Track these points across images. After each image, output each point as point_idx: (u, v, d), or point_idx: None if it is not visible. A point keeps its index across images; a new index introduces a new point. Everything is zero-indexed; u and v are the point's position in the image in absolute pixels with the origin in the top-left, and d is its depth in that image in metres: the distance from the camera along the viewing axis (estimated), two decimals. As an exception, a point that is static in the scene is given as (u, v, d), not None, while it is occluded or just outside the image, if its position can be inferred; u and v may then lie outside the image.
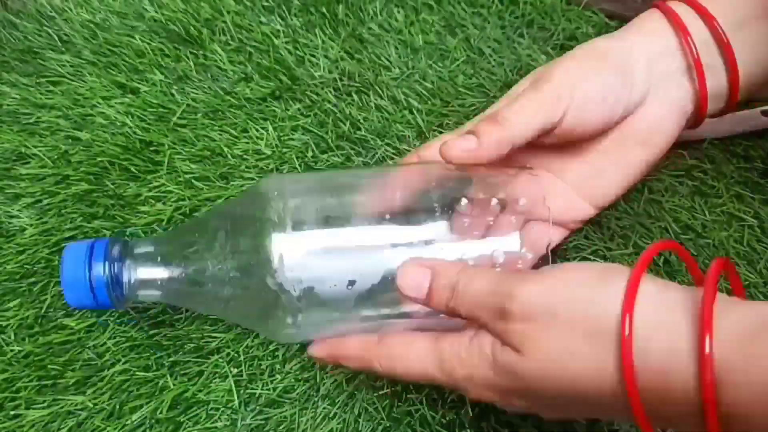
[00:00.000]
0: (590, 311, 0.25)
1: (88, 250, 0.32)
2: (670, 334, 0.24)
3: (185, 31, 0.62)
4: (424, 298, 0.29)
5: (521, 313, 0.26)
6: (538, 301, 0.26)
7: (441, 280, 0.29)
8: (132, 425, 0.40)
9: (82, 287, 0.32)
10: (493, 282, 0.28)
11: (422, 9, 0.63)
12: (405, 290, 0.30)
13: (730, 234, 0.46)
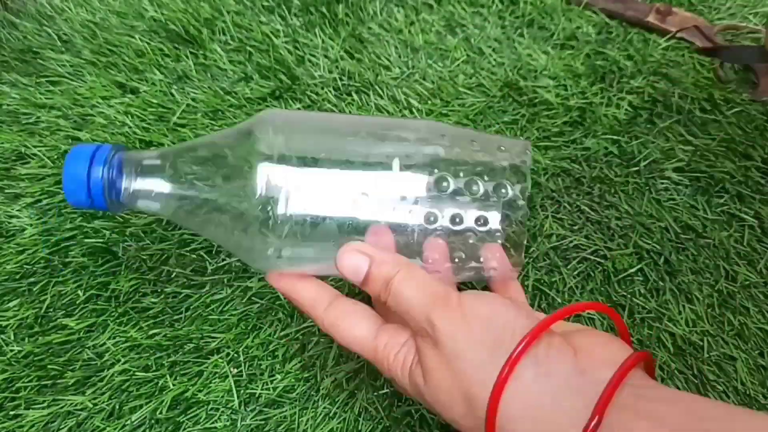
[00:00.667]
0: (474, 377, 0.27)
1: (92, 152, 0.33)
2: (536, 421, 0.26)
3: (185, 31, 0.62)
4: (361, 282, 0.31)
5: (434, 342, 0.28)
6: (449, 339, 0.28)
7: (379, 270, 0.31)
8: (132, 425, 0.40)
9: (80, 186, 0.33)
10: (424, 295, 0.30)
11: (422, 9, 0.63)
12: (343, 270, 0.31)
13: (731, 234, 0.46)
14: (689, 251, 0.45)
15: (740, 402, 0.39)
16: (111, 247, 0.48)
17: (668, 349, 0.41)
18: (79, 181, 0.33)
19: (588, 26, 0.60)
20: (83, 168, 0.33)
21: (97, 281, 0.46)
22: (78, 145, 0.34)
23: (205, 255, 0.47)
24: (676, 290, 0.44)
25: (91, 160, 0.33)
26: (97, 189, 0.33)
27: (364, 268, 0.31)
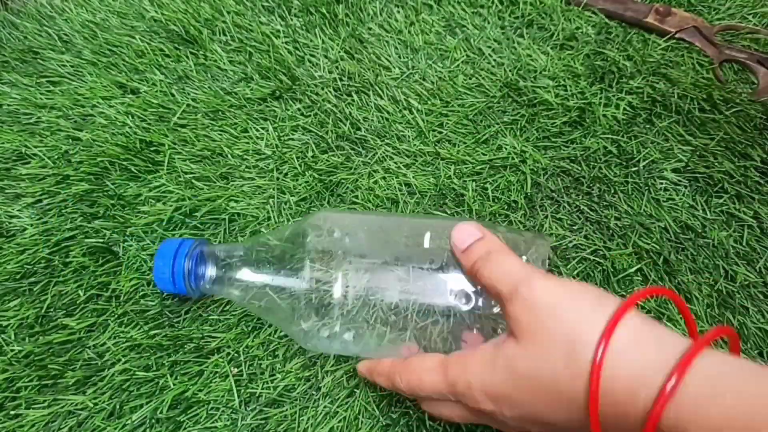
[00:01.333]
0: (580, 321, 0.27)
1: (177, 246, 0.40)
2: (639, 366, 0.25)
3: (185, 31, 0.62)
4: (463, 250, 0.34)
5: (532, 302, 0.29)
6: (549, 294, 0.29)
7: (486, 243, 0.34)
8: (132, 425, 0.40)
9: (166, 277, 0.40)
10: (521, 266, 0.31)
11: (422, 9, 0.63)
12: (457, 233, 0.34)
13: (730, 234, 0.46)
14: (688, 251, 0.45)
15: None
16: (111, 247, 0.48)
17: (668, 349, 0.41)
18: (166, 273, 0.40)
19: (587, 27, 0.60)
20: (168, 261, 0.39)
21: (97, 281, 0.46)
22: (167, 240, 0.41)
23: (206, 255, 0.47)
24: (675, 290, 0.44)
25: (175, 254, 0.40)
26: (179, 278, 0.39)
27: (473, 238, 0.33)
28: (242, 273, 0.39)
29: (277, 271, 0.38)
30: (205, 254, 0.40)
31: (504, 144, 0.52)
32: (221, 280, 0.40)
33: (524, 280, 0.30)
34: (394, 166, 0.51)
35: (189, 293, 0.40)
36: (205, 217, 0.49)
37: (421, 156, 0.52)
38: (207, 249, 0.41)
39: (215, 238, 0.48)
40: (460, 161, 0.51)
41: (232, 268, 0.39)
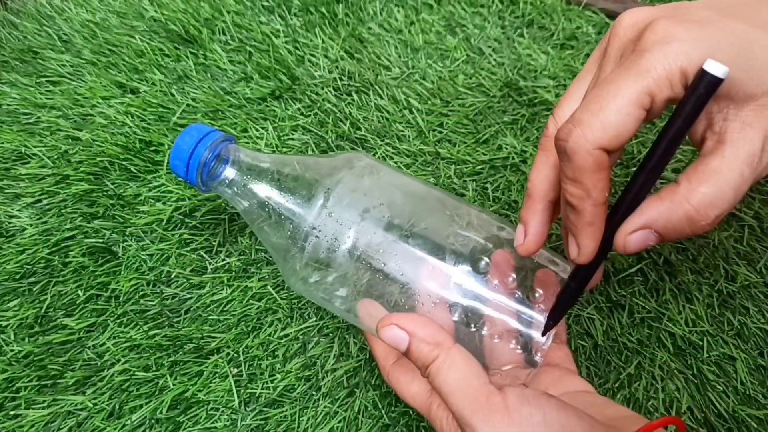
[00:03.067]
0: None
1: (204, 133, 0.37)
2: None
3: (185, 31, 0.62)
4: (404, 350, 0.30)
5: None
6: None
7: (418, 349, 0.29)
8: (132, 425, 0.40)
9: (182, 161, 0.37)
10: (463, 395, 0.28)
11: (422, 9, 0.63)
12: (384, 341, 0.31)
13: (730, 234, 0.46)
14: (689, 251, 0.45)
15: (740, 402, 0.39)
16: (111, 247, 0.48)
17: (668, 349, 0.41)
18: (183, 156, 0.36)
19: (588, 26, 0.60)
20: (189, 145, 0.36)
21: (97, 281, 0.46)
22: (194, 125, 0.37)
23: (205, 255, 0.47)
24: (676, 290, 0.44)
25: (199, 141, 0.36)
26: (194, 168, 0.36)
27: (403, 345, 0.30)
28: (258, 186, 0.37)
29: (293, 196, 0.36)
30: (230, 152, 0.38)
31: (504, 144, 0.51)
32: (235, 184, 0.37)
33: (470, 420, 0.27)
34: (394, 166, 0.51)
35: (198, 187, 0.37)
36: (205, 217, 0.49)
37: (422, 156, 0.51)
38: (232, 147, 0.38)
39: (215, 238, 0.48)
40: (460, 161, 0.51)
41: (250, 177, 0.37)
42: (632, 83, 0.24)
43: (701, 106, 0.23)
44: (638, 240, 0.26)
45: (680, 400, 0.39)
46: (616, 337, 0.42)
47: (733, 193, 0.24)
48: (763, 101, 0.24)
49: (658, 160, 0.25)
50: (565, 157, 0.25)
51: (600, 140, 0.24)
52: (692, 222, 0.25)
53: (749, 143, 0.24)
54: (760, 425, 0.38)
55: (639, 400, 0.40)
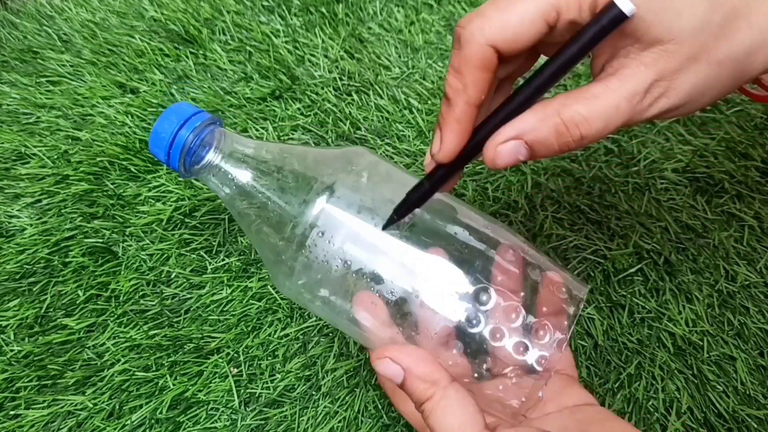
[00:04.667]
0: None
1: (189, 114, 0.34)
2: None
3: (185, 31, 0.62)
4: (399, 384, 0.29)
5: None
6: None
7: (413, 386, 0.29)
8: (132, 425, 0.40)
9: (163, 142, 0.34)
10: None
11: (422, 8, 0.63)
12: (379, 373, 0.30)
13: (731, 234, 0.46)
14: (689, 251, 0.45)
15: (740, 402, 0.39)
16: (111, 247, 0.48)
17: (668, 349, 0.41)
18: (165, 138, 0.33)
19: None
20: (173, 126, 0.33)
21: (97, 281, 0.46)
22: (180, 103, 0.35)
23: (205, 255, 0.47)
24: (676, 290, 0.44)
25: (184, 122, 0.33)
26: (176, 152, 0.33)
27: (398, 379, 0.29)
28: (243, 174, 0.34)
29: (287, 190, 0.33)
30: (215, 135, 0.35)
31: (504, 144, 0.51)
32: (218, 171, 0.34)
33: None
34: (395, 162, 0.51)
35: (180, 173, 0.34)
36: (205, 217, 0.49)
37: (422, 156, 0.51)
38: (218, 131, 0.35)
39: (214, 238, 0.48)
40: (460, 161, 0.51)
41: (236, 164, 0.34)
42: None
43: (600, 38, 0.23)
44: (509, 151, 0.26)
45: (680, 400, 0.39)
46: (616, 337, 0.42)
47: (603, 121, 0.25)
48: (668, 47, 0.24)
49: (543, 80, 0.25)
50: (458, 45, 0.25)
51: (494, 37, 0.24)
52: (560, 136, 0.25)
53: (636, 81, 0.24)
54: (760, 425, 0.38)
55: (639, 400, 0.40)
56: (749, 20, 0.24)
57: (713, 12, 0.24)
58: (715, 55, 0.24)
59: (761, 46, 0.24)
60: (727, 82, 0.25)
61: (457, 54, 0.25)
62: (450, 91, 0.26)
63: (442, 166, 0.28)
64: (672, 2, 0.23)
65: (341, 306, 0.32)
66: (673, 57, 0.24)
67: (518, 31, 0.24)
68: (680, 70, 0.24)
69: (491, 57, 0.24)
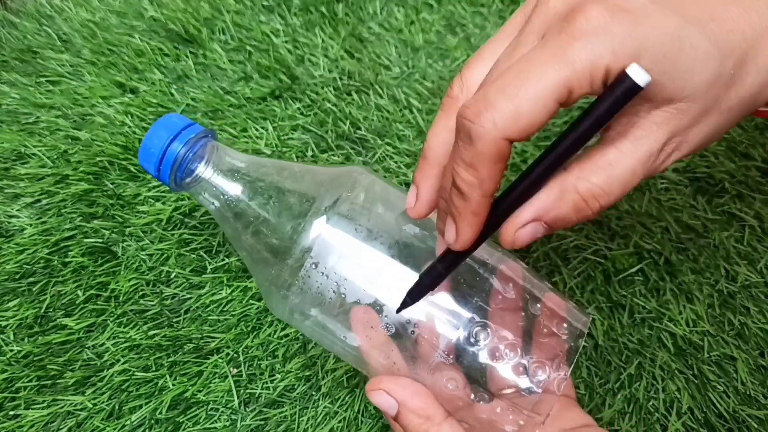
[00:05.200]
0: None
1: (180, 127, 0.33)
2: None
3: (185, 31, 0.62)
4: (393, 417, 0.29)
5: None
6: None
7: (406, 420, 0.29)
8: (132, 425, 0.40)
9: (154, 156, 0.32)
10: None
11: (422, 8, 0.63)
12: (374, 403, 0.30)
13: (731, 234, 0.46)
14: (690, 251, 0.45)
15: (741, 402, 0.39)
16: (111, 247, 0.48)
17: (668, 349, 0.41)
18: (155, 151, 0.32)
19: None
20: (164, 139, 0.32)
21: (96, 281, 0.46)
22: (171, 114, 0.34)
23: (205, 255, 0.47)
24: (676, 290, 0.44)
25: (176, 135, 0.32)
26: (167, 165, 0.32)
27: (392, 412, 0.29)
28: (235, 189, 0.33)
29: (277, 213, 0.32)
30: (207, 149, 0.33)
31: (504, 143, 0.51)
32: (208, 186, 0.33)
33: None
34: (394, 166, 0.51)
35: (170, 186, 0.33)
36: (205, 217, 0.49)
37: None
38: (211, 144, 0.34)
39: (214, 238, 0.48)
40: (460, 161, 0.51)
41: (228, 179, 0.33)
42: (555, 72, 0.22)
43: (616, 111, 0.22)
44: (528, 234, 0.25)
45: (681, 401, 0.39)
46: (617, 337, 0.42)
47: (621, 189, 0.24)
48: (679, 106, 0.23)
49: (558, 155, 0.24)
50: (467, 139, 0.23)
51: (509, 130, 0.22)
52: (579, 211, 0.25)
53: (650, 142, 0.24)
54: (761, 425, 0.38)
55: (639, 401, 0.40)
56: (756, 62, 0.24)
57: (724, 64, 0.23)
58: (727, 104, 0.24)
59: (767, 84, 0.24)
60: (735, 122, 0.25)
61: (469, 149, 0.23)
62: (465, 187, 0.25)
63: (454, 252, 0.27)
64: (683, 62, 0.23)
65: (335, 329, 0.32)
66: (686, 114, 0.24)
67: (531, 118, 0.22)
68: (693, 125, 0.24)
69: (506, 149, 0.23)
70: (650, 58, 0.22)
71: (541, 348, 0.31)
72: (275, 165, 0.35)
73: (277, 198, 0.33)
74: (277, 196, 0.33)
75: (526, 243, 0.25)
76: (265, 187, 0.33)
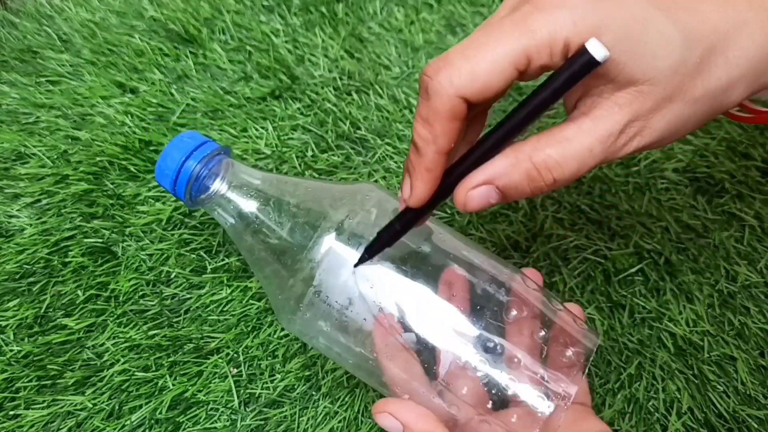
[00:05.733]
0: None
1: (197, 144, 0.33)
2: None
3: (185, 31, 0.62)
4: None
5: None
6: None
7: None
8: (131, 425, 0.40)
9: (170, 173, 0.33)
10: None
11: (422, 8, 0.63)
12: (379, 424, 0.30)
13: (731, 234, 0.46)
14: (690, 251, 0.45)
15: (741, 402, 0.39)
16: (111, 247, 0.48)
17: (668, 349, 0.41)
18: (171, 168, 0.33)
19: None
20: (180, 156, 0.32)
21: (96, 281, 0.46)
22: (188, 132, 0.34)
23: (205, 255, 0.47)
24: (676, 290, 0.44)
25: (191, 152, 0.33)
26: (183, 182, 0.33)
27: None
28: (249, 205, 0.33)
29: (289, 229, 0.33)
30: (222, 165, 0.34)
31: (504, 143, 0.51)
32: (225, 203, 0.34)
33: None
34: (394, 166, 0.51)
35: (186, 202, 0.34)
36: (205, 217, 0.49)
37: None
38: (227, 160, 0.35)
39: (214, 238, 0.48)
40: (460, 161, 0.51)
41: (243, 196, 0.34)
42: (515, 40, 0.23)
43: (572, 83, 0.23)
44: (480, 196, 0.26)
45: (681, 401, 0.39)
46: (617, 337, 0.42)
47: (577, 165, 0.24)
48: (642, 88, 0.23)
49: (514, 124, 0.25)
50: (425, 95, 0.24)
51: (464, 89, 0.23)
52: (532, 180, 0.25)
53: (610, 122, 0.24)
54: (761, 425, 0.38)
55: (639, 401, 0.40)
56: (726, 56, 0.24)
57: (690, 51, 0.23)
58: (692, 94, 0.24)
59: (739, 80, 0.24)
60: (703, 117, 0.25)
61: (425, 104, 0.24)
62: (419, 141, 0.25)
63: (412, 209, 0.28)
64: (646, 43, 0.23)
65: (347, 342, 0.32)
66: (648, 98, 0.23)
67: (487, 80, 0.23)
68: (655, 110, 0.24)
69: (460, 108, 0.24)
70: (612, 36, 0.22)
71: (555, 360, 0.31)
72: (287, 181, 0.35)
73: (289, 214, 0.34)
74: (288, 212, 0.34)
75: (478, 206, 0.26)
76: (277, 202, 0.34)
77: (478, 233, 0.47)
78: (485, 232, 0.47)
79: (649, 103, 0.24)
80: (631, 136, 0.24)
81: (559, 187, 0.25)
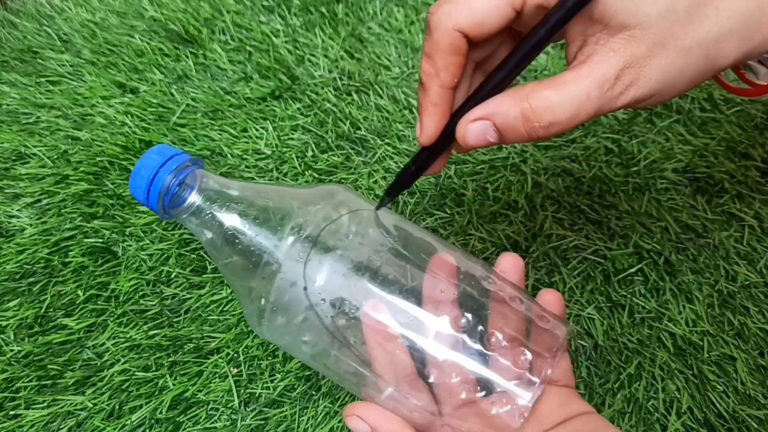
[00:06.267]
0: None
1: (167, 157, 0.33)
2: None
3: (185, 31, 0.62)
4: None
5: None
6: None
7: None
8: (132, 425, 0.40)
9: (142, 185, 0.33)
10: None
11: (422, 8, 0.63)
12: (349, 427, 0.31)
13: (731, 234, 0.46)
14: (689, 251, 0.45)
15: (740, 402, 0.39)
16: (111, 247, 0.48)
17: (668, 349, 0.41)
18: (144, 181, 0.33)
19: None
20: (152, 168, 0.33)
21: (96, 281, 0.46)
22: (160, 146, 0.34)
23: (205, 255, 0.47)
24: (676, 290, 0.44)
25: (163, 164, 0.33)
26: (155, 193, 0.33)
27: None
28: (226, 216, 0.34)
29: (264, 230, 0.33)
30: (195, 177, 0.34)
31: (504, 144, 0.51)
32: (200, 214, 0.34)
33: None
34: (394, 166, 0.51)
35: (159, 215, 0.34)
36: (205, 217, 0.49)
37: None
38: (199, 172, 0.35)
39: (215, 238, 0.48)
40: (460, 161, 0.51)
41: (218, 206, 0.34)
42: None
43: (566, 21, 0.24)
44: (478, 131, 0.26)
45: (680, 400, 0.39)
46: (617, 337, 0.42)
47: (574, 108, 0.25)
48: (634, 32, 0.24)
49: (514, 64, 0.26)
50: (428, 31, 0.25)
51: (461, 22, 0.24)
52: (527, 121, 0.25)
53: (606, 67, 0.24)
54: (761, 425, 0.38)
55: (639, 400, 0.40)
56: (717, 7, 0.24)
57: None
58: (683, 42, 0.24)
59: (730, 33, 0.25)
60: (698, 70, 0.25)
61: (428, 40, 0.26)
62: (424, 77, 0.26)
63: (426, 149, 0.29)
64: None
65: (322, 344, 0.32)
66: (640, 42, 0.24)
67: (485, 15, 0.24)
68: (649, 56, 0.24)
69: (460, 42, 0.25)
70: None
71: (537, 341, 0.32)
72: (258, 189, 0.36)
73: (261, 219, 0.34)
74: (261, 218, 0.34)
75: (475, 140, 0.26)
76: (249, 210, 0.34)
77: (478, 233, 0.47)
78: (485, 232, 0.47)
79: (642, 48, 0.24)
80: (627, 84, 0.25)
81: (555, 133, 0.26)
